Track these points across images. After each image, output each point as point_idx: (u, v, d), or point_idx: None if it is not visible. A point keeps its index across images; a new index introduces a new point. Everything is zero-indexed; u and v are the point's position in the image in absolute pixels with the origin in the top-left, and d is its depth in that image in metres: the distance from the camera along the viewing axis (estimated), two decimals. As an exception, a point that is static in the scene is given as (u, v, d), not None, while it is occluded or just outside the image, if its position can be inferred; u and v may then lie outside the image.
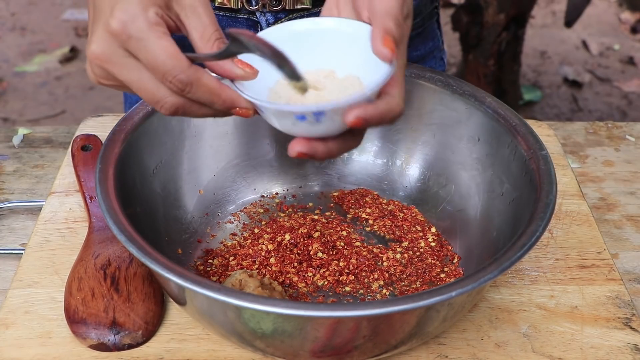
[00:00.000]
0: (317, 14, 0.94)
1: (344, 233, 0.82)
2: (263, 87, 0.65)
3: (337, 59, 0.67)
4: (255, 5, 0.93)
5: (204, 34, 0.60)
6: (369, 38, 0.64)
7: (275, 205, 0.88)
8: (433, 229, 0.84)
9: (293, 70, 0.58)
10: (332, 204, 0.88)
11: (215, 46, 0.60)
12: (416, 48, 1.05)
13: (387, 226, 0.84)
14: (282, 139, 0.89)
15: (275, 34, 0.66)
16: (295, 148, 0.60)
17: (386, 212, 0.86)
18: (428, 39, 1.07)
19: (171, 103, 0.59)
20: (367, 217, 0.86)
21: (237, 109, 0.61)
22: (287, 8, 0.93)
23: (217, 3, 0.93)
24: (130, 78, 0.59)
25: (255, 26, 0.95)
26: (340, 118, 0.59)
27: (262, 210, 0.87)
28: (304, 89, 0.59)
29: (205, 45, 0.60)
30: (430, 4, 1.05)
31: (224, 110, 0.61)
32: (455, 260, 0.81)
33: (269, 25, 0.94)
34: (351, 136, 0.62)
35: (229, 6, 0.93)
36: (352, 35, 0.66)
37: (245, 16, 0.94)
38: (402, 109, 0.61)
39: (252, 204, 0.88)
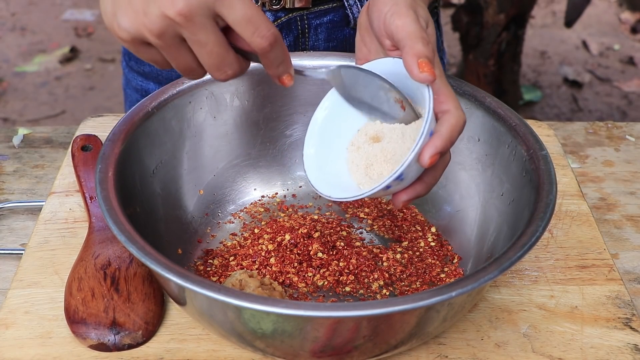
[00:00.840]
0: (317, 13, 0.95)
1: (344, 233, 0.82)
2: (337, 157, 0.72)
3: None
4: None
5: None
6: (398, 67, 0.66)
7: (276, 205, 0.88)
8: (433, 229, 0.84)
9: None
10: (330, 204, 0.88)
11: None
12: None
13: (386, 226, 0.84)
14: (282, 139, 0.89)
15: (326, 105, 0.72)
16: (401, 199, 0.65)
17: (385, 212, 0.86)
18: None
19: (234, 69, 0.63)
20: (365, 216, 0.86)
21: (287, 75, 0.66)
22: (286, 7, 0.93)
23: None
24: (206, 39, 0.60)
25: None
26: (417, 165, 0.62)
27: (262, 210, 0.87)
28: None
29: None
30: (430, 4, 1.05)
31: (280, 74, 0.66)
32: (455, 260, 0.81)
33: None
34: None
35: None
36: (386, 72, 0.68)
37: None
38: (464, 116, 0.64)
39: (252, 203, 0.88)
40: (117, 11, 0.62)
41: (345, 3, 0.95)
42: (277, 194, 0.89)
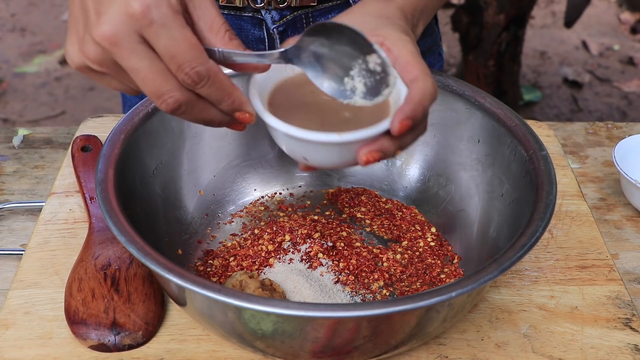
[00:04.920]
0: (322, 11, 0.95)
1: (344, 234, 0.82)
2: None
3: None
4: (261, 3, 0.93)
5: (213, 24, 0.59)
6: None
7: (276, 205, 0.88)
8: (433, 229, 0.84)
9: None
10: (325, 202, 0.88)
11: (227, 37, 0.59)
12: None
13: (385, 226, 0.84)
14: (282, 140, 0.89)
15: None
16: (363, 151, 0.60)
17: (383, 211, 0.86)
18: (427, 36, 1.09)
19: (176, 98, 0.57)
20: (362, 216, 0.86)
21: (241, 112, 0.61)
22: (292, 5, 0.93)
23: (222, 2, 0.93)
24: (138, 65, 0.56)
25: (260, 24, 0.95)
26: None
27: (262, 209, 0.87)
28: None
29: (215, 37, 0.59)
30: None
31: (228, 112, 0.60)
32: (455, 261, 0.81)
33: (274, 22, 0.94)
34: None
35: (234, 5, 0.93)
36: None
37: (250, 14, 0.94)
38: (434, 83, 0.62)
39: (251, 204, 0.88)
40: (67, 39, 0.59)
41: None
42: (276, 194, 0.89)
